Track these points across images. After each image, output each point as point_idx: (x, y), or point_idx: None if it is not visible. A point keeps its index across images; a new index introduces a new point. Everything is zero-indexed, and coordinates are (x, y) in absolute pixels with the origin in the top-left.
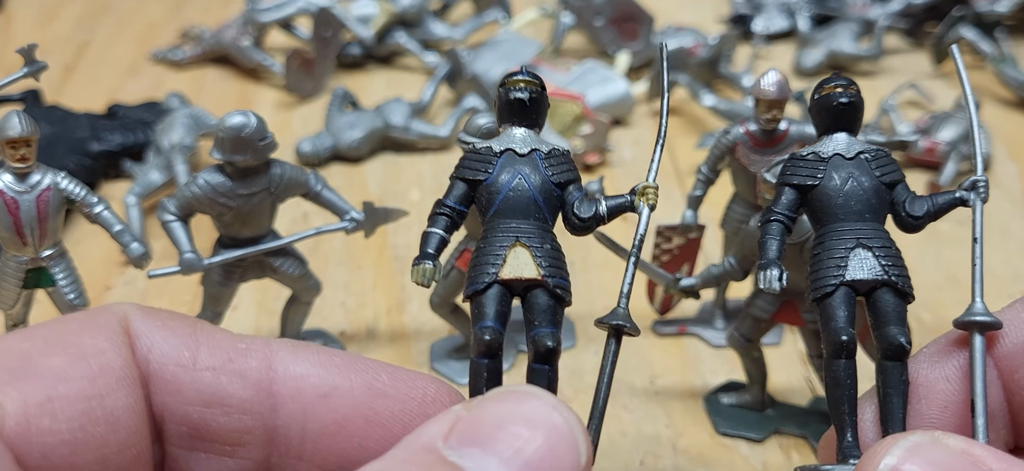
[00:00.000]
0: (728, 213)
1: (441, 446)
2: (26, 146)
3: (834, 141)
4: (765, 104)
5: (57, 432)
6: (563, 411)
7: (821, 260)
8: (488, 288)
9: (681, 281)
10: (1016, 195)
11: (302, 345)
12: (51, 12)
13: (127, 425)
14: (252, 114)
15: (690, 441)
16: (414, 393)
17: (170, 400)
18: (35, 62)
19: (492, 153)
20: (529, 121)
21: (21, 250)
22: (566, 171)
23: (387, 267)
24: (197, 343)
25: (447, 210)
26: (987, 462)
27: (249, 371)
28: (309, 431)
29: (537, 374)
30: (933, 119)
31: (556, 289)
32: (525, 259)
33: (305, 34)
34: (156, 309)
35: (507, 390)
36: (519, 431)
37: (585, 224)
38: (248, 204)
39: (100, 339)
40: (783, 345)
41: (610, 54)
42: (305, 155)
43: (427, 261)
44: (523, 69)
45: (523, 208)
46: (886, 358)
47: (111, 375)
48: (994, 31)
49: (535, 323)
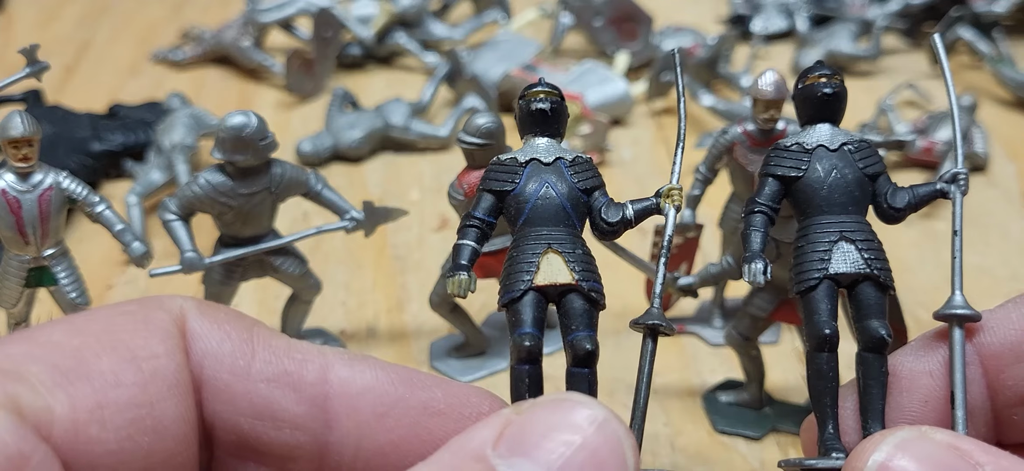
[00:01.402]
0: (726, 212)
1: (490, 453)
2: (28, 146)
3: (817, 132)
4: (763, 104)
5: (105, 441)
6: (613, 422)
7: (804, 253)
8: (524, 295)
9: (679, 280)
10: (1014, 195)
11: (359, 358)
12: (52, 12)
13: (175, 434)
14: (253, 114)
15: (688, 439)
16: (469, 411)
17: (221, 408)
18: (37, 62)
19: (517, 163)
20: (551, 130)
21: (23, 249)
22: (591, 177)
23: (387, 266)
24: (253, 350)
25: (476, 222)
26: (973, 455)
27: (304, 385)
28: (363, 450)
29: (576, 378)
30: (931, 119)
31: (591, 293)
32: (558, 265)
33: (305, 34)
34: (213, 306)
35: (558, 398)
36: (568, 440)
37: (613, 228)
38: (249, 203)
39: (153, 341)
40: (781, 344)
41: (609, 54)
42: (305, 155)
43: (462, 272)
44: (541, 81)
45: (552, 216)
46: (866, 350)
47: (162, 382)
48: (992, 31)
49: (572, 328)
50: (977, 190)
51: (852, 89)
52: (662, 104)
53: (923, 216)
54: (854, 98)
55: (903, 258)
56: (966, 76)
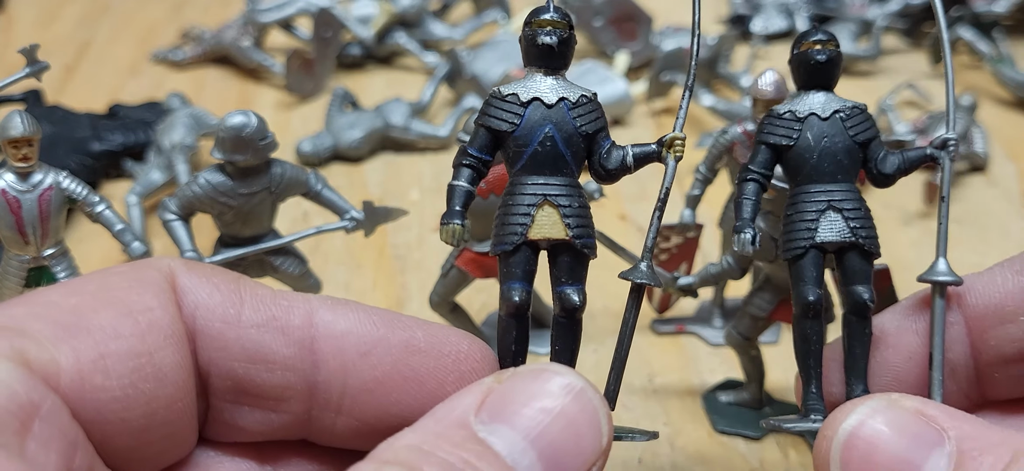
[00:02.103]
0: (726, 212)
1: (472, 420)
2: (28, 146)
3: (810, 100)
4: (763, 104)
5: (109, 389)
6: (589, 392)
7: (793, 221)
8: (517, 249)
9: (679, 280)
10: (1015, 195)
11: (341, 302)
12: (52, 12)
13: (174, 381)
14: (252, 114)
15: (688, 439)
16: (448, 349)
17: (216, 356)
18: (37, 62)
19: (519, 102)
20: (557, 66)
21: (23, 249)
22: (595, 120)
23: (387, 266)
24: (241, 299)
25: (471, 160)
26: (939, 420)
27: (292, 329)
28: (349, 388)
29: (563, 327)
30: (931, 119)
31: (583, 248)
32: (553, 219)
33: (305, 34)
34: (200, 263)
35: (538, 368)
36: (546, 408)
37: (611, 174)
38: (249, 203)
39: (147, 295)
40: (781, 343)
41: (609, 54)
42: (305, 155)
43: (456, 220)
44: (550, 5)
45: (551, 163)
46: (851, 313)
47: (159, 332)
48: (992, 31)
49: (562, 280)
50: (977, 190)
51: (852, 89)
52: (662, 104)
53: (923, 215)
54: (854, 97)
55: (903, 257)
56: (966, 76)
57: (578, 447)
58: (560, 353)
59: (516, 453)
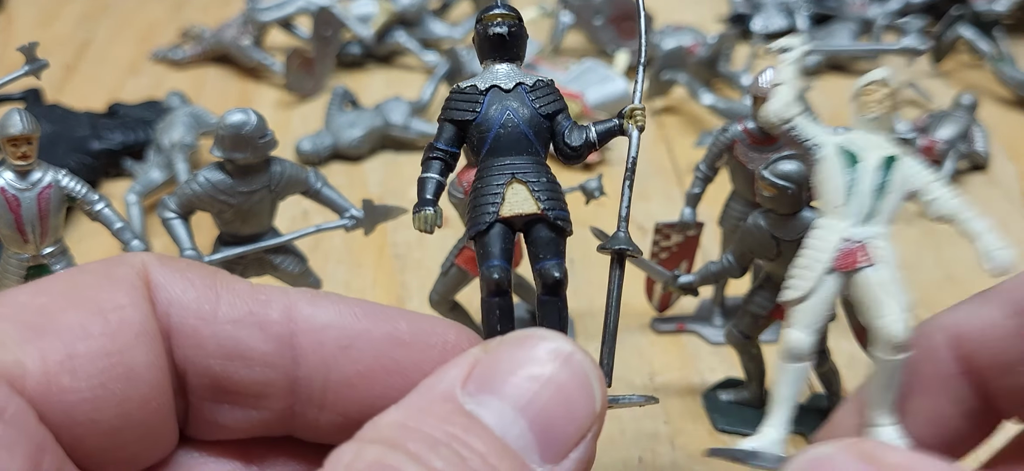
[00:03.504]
0: (726, 211)
1: (459, 393)
2: (27, 144)
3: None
4: (763, 102)
5: (78, 390)
6: (579, 355)
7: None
8: (490, 228)
9: (679, 278)
10: (1015, 195)
11: (322, 295)
12: (52, 11)
13: (148, 380)
14: (252, 112)
15: (688, 438)
16: (434, 340)
17: (191, 353)
18: (36, 60)
19: (478, 91)
20: (511, 55)
21: (22, 248)
22: (553, 101)
23: (387, 265)
24: (217, 295)
25: (439, 153)
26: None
27: (270, 324)
28: (331, 382)
29: (547, 305)
30: (931, 118)
31: (557, 221)
32: (523, 195)
33: (305, 33)
34: (174, 258)
35: (524, 334)
36: (536, 374)
37: (576, 152)
38: (248, 202)
39: (118, 293)
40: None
41: (609, 53)
42: (305, 154)
43: (428, 207)
44: (499, 3)
45: (515, 144)
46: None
47: (130, 331)
48: (992, 30)
49: (540, 257)
50: (977, 190)
51: (852, 88)
52: (662, 103)
53: (923, 214)
54: None
55: (903, 257)
56: (966, 75)
57: (570, 413)
58: None
59: (506, 424)
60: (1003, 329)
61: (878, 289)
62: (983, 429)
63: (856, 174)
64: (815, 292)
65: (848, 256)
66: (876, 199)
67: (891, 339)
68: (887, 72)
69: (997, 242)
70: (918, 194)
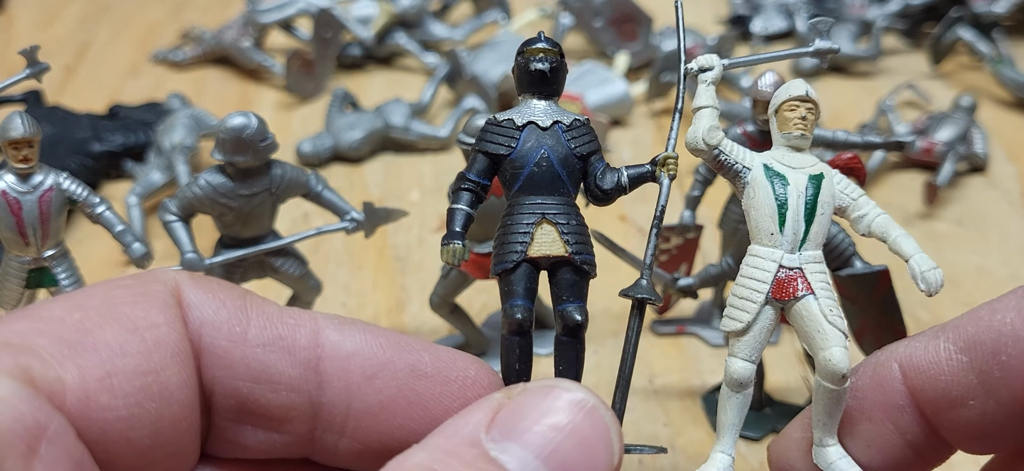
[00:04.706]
0: (726, 213)
1: (483, 438)
2: (28, 147)
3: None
4: (763, 105)
5: (115, 408)
6: (600, 408)
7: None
8: (517, 267)
9: (679, 281)
10: (1014, 195)
11: (348, 322)
12: (52, 13)
13: (180, 399)
14: (253, 115)
15: (688, 440)
16: (455, 375)
17: (220, 374)
18: (37, 63)
19: (514, 126)
20: (550, 92)
21: (24, 250)
22: (588, 142)
23: (387, 267)
24: (247, 317)
25: (470, 184)
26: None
27: (298, 348)
28: (353, 410)
29: (565, 346)
30: (931, 119)
31: (583, 265)
32: (552, 236)
33: (305, 35)
34: (206, 278)
35: (547, 384)
36: (557, 424)
37: (607, 195)
38: (249, 204)
39: (153, 311)
40: (780, 345)
41: (609, 55)
42: (305, 156)
43: (456, 240)
44: (541, 36)
45: (548, 183)
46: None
47: (165, 350)
48: (992, 32)
49: (563, 298)
50: (977, 190)
51: (852, 89)
52: (662, 104)
53: (923, 215)
54: (854, 98)
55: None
56: (966, 76)
57: (590, 464)
58: (564, 373)
59: None
60: (955, 363)
61: (819, 319)
62: (930, 459)
63: (786, 197)
64: (756, 323)
65: (786, 285)
66: (808, 222)
67: (834, 372)
68: (806, 87)
69: (927, 263)
70: (846, 211)
